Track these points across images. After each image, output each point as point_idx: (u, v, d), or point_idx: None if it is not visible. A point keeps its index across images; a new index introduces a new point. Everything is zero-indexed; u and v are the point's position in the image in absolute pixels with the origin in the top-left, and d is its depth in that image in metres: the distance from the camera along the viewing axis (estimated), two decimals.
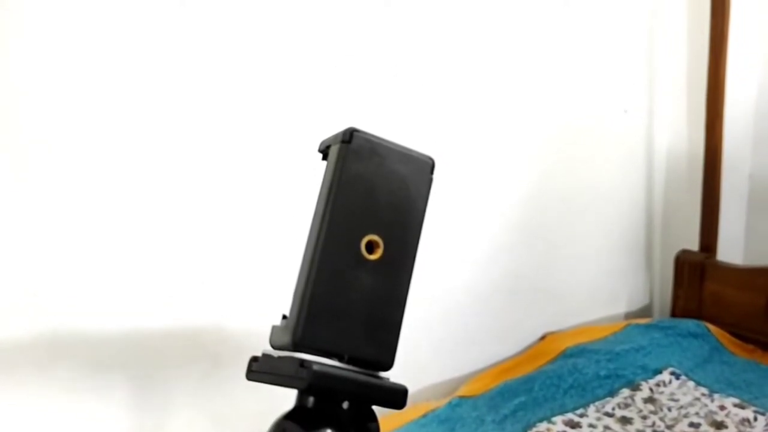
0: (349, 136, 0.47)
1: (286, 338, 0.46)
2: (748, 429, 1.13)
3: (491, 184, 1.39)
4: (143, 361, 1.02)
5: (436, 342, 1.33)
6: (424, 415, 1.20)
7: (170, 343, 1.04)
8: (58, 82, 0.90)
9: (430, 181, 0.50)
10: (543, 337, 1.52)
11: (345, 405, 0.47)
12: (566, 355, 1.40)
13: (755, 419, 1.15)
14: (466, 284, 1.38)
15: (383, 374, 0.49)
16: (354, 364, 0.46)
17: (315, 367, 0.43)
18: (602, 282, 1.64)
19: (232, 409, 1.10)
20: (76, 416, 0.97)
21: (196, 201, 1.04)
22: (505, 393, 1.27)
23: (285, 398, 0.53)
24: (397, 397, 0.48)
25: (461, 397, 1.25)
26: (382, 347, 0.47)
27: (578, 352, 1.40)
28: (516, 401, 1.24)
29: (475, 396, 1.26)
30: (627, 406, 1.22)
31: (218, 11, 1.01)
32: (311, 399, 0.47)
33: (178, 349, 1.05)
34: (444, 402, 1.24)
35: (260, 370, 0.51)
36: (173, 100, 1.00)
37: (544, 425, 1.15)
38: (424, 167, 0.50)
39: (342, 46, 1.14)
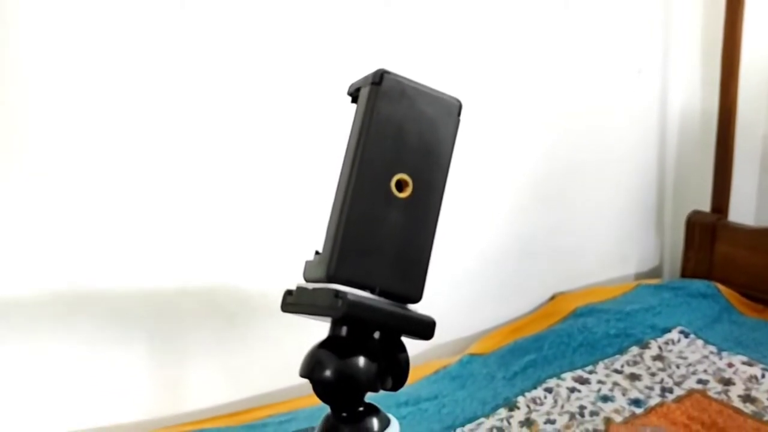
0: (380, 78, 0.48)
1: (320, 271, 0.48)
2: (755, 386, 1.14)
3: (504, 146, 1.39)
4: (161, 317, 1.05)
5: (449, 302, 1.34)
6: (436, 372, 1.22)
7: (188, 301, 1.06)
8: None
9: (458, 122, 0.52)
10: (553, 298, 1.54)
11: (376, 335, 0.48)
12: (576, 314, 1.41)
13: (763, 376, 1.16)
14: (478, 245, 1.39)
15: (411, 307, 0.50)
16: (384, 297, 0.48)
17: (350, 297, 0.45)
18: (613, 243, 1.65)
19: (246, 364, 1.13)
20: (96, 366, 1.01)
21: (217, 160, 1.05)
22: (515, 351, 1.29)
23: (296, 354, 0.55)
24: (426, 327, 0.49)
25: (472, 355, 1.28)
26: (411, 281, 0.49)
27: (588, 311, 1.41)
28: (526, 359, 1.26)
29: (486, 354, 1.29)
30: (636, 363, 1.24)
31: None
32: (344, 329, 0.49)
33: (195, 306, 1.07)
34: (455, 359, 1.26)
35: (295, 302, 0.53)
36: (189, 63, 1.00)
37: (553, 381, 1.18)
38: (452, 109, 0.51)
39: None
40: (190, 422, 1.07)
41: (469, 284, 1.39)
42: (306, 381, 1.09)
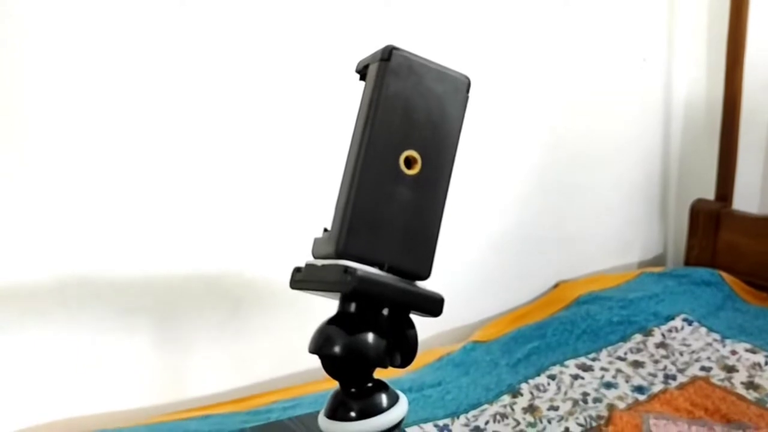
0: (389, 54, 0.48)
1: (329, 248, 0.48)
2: (758, 372, 1.14)
3: (508, 134, 1.39)
4: (166, 304, 1.05)
5: (452, 289, 1.31)
6: (439, 359, 1.23)
7: (192, 288, 1.07)
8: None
9: (466, 99, 0.51)
10: (556, 285, 1.54)
11: (385, 312, 0.48)
12: (579, 302, 1.41)
13: (766, 363, 1.16)
14: (482, 233, 1.39)
15: (420, 284, 0.50)
16: (393, 274, 0.47)
17: (359, 273, 0.45)
18: (616, 231, 1.65)
19: (251, 351, 1.14)
20: (100, 353, 1.01)
21: (221, 145, 1.05)
22: (518, 338, 1.29)
23: (301, 340, 0.55)
24: (434, 303, 0.49)
25: (476, 342, 1.28)
26: (420, 258, 0.49)
27: (591, 299, 1.41)
28: (529, 346, 1.26)
29: (489, 341, 1.29)
30: (639, 350, 1.24)
31: None
32: (353, 305, 0.49)
33: (200, 293, 1.08)
34: (459, 346, 1.27)
35: (304, 279, 0.52)
36: (191, 51, 1.00)
37: (556, 368, 1.18)
38: (461, 86, 0.51)
39: None
40: (194, 408, 1.07)
41: (472, 272, 1.39)
42: (310, 368, 1.09)
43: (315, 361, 0.54)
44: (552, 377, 1.16)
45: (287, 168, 1.11)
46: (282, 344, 1.14)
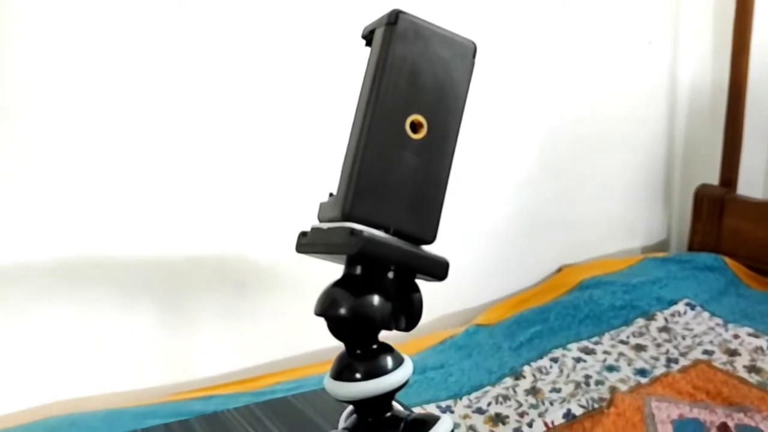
0: (395, 18, 0.48)
1: (335, 211, 0.48)
2: (760, 356, 1.15)
3: (512, 118, 1.38)
4: (171, 286, 1.05)
5: (456, 273, 1.32)
6: (442, 342, 1.23)
7: (196, 270, 1.07)
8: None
9: (472, 65, 0.51)
10: (560, 270, 1.54)
11: (390, 275, 0.48)
12: (582, 286, 1.42)
13: None
14: (486, 217, 1.39)
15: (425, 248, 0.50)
16: (398, 237, 0.48)
17: (365, 234, 0.45)
18: (620, 216, 1.65)
19: (256, 332, 1.14)
20: (106, 334, 1.02)
21: (225, 127, 1.05)
22: (521, 322, 1.30)
23: (304, 322, 0.55)
24: (439, 267, 0.49)
25: (478, 326, 1.28)
26: (425, 222, 0.49)
27: (594, 283, 1.42)
28: (532, 330, 1.26)
29: (492, 324, 1.29)
30: (641, 334, 1.25)
31: None
32: (359, 267, 0.49)
33: (204, 275, 1.08)
34: (462, 330, 1.27)
35: (310, 242, 0.52)
36: (191, 34, 1.00)
37: (559, 351, 1.18)
38: (467, 51, 0.51)
39: None
40: (199, 389, 1.08)
41: (476, 255, 1.39)
42: (314, 350, 1.10)
43: (319, 342, 0.54)
44: (554, 360, 1.16)
45: (291, 151, 1.11)
46: (286, 326, 1.14)
